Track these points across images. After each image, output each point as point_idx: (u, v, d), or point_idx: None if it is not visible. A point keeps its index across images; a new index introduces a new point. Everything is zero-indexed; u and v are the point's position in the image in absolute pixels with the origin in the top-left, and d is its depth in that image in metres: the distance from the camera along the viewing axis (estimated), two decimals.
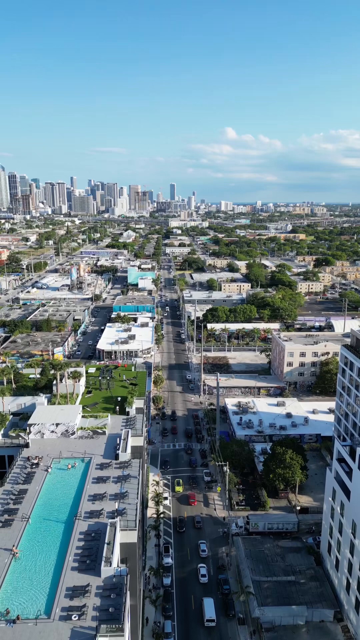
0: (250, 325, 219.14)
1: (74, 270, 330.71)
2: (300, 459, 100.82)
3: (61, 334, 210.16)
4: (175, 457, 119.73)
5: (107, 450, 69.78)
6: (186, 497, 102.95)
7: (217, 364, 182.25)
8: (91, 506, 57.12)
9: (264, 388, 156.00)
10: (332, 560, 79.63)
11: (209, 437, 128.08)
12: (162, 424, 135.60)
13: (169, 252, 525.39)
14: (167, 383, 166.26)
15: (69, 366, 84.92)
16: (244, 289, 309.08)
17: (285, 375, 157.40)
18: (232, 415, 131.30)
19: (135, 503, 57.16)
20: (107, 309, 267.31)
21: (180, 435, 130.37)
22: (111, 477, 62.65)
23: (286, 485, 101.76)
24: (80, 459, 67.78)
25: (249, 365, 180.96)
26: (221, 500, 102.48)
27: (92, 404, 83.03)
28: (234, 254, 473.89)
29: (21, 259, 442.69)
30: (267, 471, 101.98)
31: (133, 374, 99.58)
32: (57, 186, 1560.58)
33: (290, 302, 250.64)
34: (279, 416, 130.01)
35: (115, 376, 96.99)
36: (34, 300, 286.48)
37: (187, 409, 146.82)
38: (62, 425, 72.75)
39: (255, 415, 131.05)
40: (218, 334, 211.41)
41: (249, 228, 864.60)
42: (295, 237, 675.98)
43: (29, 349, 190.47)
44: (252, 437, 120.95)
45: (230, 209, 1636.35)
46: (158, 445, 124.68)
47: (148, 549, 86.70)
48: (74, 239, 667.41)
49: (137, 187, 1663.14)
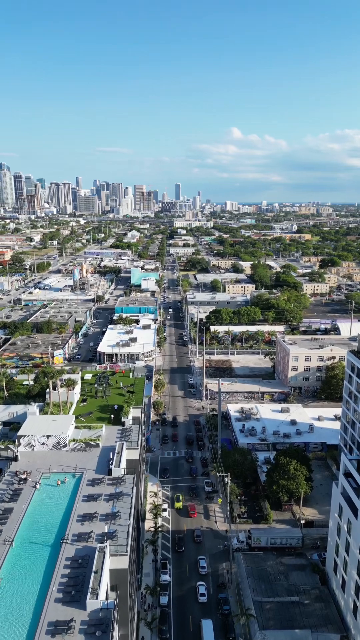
0: (254, 328, 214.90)
1: (77, 270, 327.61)
2: (304, 470, 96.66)
3: (62, 336, 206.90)
4: (175, 466, 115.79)
5: (100, 464, 65.99)
6: (186, 508, 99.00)
7: (220, 368, 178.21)
8: (80, 528, 53.32)
9: (268, 393, 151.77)
10: (338, 580, 75.42)
11: (210, 445, 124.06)
12: (163, 431, 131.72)
13: (173, 253, 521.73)
14: (169, 387, 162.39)
15: (62, 374, 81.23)
16: (249, 290, 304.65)
17: (290, 380, 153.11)
18: (234, 421, 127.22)
19: (127, 525, 53.30)
20: (109, 310, 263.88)
21: (181, 443, 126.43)
22: (103, 495, 58.84)
23: (290, 497, 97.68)
24: (71, 474, 64.02)
25: (253, 369, 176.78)
26: (222, 512, 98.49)
27: (86, 413, 79.32)
28: (239, 254, 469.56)
29: (24, 259, 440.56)
30: (270, 482, 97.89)
31: (131, 380, 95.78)
32: (63, 186, 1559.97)
33: (296, 304, 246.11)
34: (283, 423, 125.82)
35: (112, 383, 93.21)
36: (36, 301, 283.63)
37: (189, 414, 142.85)
38: (53, 437, 69.05)
39: (258, 422, 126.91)
40: (221, 337, 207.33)
41: (254, 228, 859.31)
42: (300, 238, 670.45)
43: (29, 351, 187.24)
44: (255, 445, 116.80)
45: (236, 209, 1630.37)
46: (158, 453, 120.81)
47: (145, 565, 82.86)
48: (78, 239, 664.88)
49: (142, 187, 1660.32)
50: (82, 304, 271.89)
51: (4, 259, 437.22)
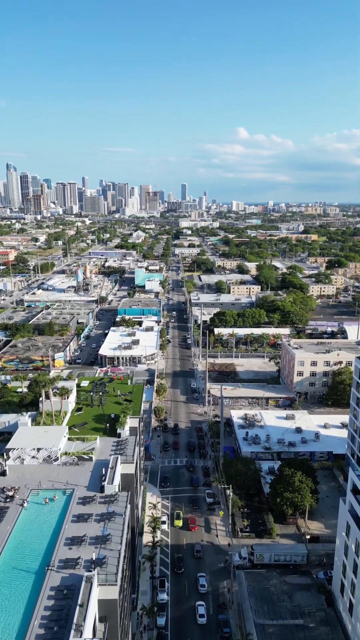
0: (259, 330, 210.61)
1: (80, 271, 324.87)
2: (310, 482, 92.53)
3: (63, 339, 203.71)
4: (176, 475, 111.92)
5: (93, 480, 62.27)
6: (186, 521, 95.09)
7: (223, 372, 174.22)
8: (67, 552, 49.60)
9: (273, 399, 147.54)
10: (345, 603, 71.24)
11: (212, 453, 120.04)
12: (164, 438, 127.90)
13: (178, 253, 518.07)
14: (171, 392, 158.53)
15: (54, 382, 77.55)
16: (254, 291, 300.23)
17: (295, 385, 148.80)
18: (237, 429, 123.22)
19: (118, 550, 49.51)
20: (112, 312, 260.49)
21: (182, 450, 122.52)
22: (94, 515, 55.07)
23: (295, 510, 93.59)
24: (62, 490, 60.34)
25: (257, 373, 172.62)
26: (224, 525, 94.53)
27: (80, 424, 75.69)
28: (244, 255, 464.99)
29: (28, 260, 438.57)
30: (274, 494, 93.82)
31: (129, 387, 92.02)
32: (69, 186, 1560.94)
33: (302, 306, 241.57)
34: (288, 431, 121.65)
35: (110, 390, 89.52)
36: (39, 302, 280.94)
37: (191, 420, 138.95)
38: (44, 450, 65.44)
39: (262, 429, 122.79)
40: (225, 340, 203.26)
41: (260, 228, 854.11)
42: (307, 238, 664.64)
43: (29, 354, 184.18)
44: (258, 455, 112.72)
45: (242, 209, 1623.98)
46: (158, 462, 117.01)
47: (142, 583, 79.10)
48: (83, 239, 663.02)
49: (148, 187, 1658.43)
50: (85, 305, 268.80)
51: (8, 259, 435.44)
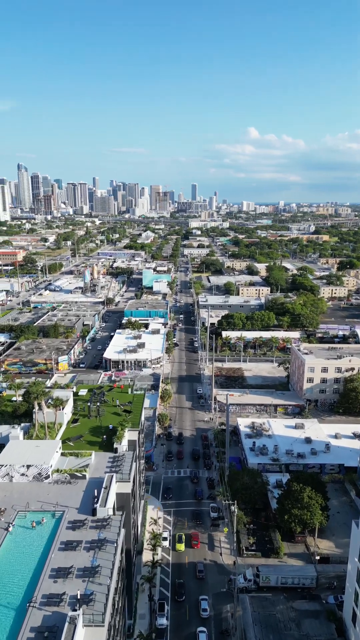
0: (268, 334, 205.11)
1: (88, 272, 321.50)
2: (320, 499, 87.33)
3: (68, 341, 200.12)
4: (179, 487, 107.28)
5: (85, 501, 57.88)
6: (189, 537, 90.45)
7: (231, 377, 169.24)
8: (52, 586, 45.25)
9: (282, 406, 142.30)
10: (357, 633, 66.10)
11: (218, 464, 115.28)
12: (167, 446, 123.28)
13: (187, 254, 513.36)
14: (176, 397, 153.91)
15: (47, 394, 73.19)
16: (263, 293, 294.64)
17: (305, 392, 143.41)
18: (244, 438, 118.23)
19: (107, 584, 45.00)
20: (119, 314, 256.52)
21: (187, 460, 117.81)
22: (83, 542, 50.64)
23: (304, 528, 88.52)
24: (51, 513, 56.02)
25: (266, 379, 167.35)
26: (228, 542, 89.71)
27: (75, 437, 71.42)
28: (254, 255, 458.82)
29: (36, 260, 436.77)
30: (281, 511, 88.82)
31: (129, 397, 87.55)
32: (79, 187, 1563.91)
33: (312, 309, 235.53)
34: (297, 441, 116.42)
35: (109, 400, 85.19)
36: (45, 304, 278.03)
37: (196, 428, 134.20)
38: (34, 467, 61.24)
39: (270, 439, 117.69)
40: (233, 343, 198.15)
41: (270, 229, 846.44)
42: (318, 239, 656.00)
43: (33, 356, 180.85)
44: (266, 466, 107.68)
45: (252, 209, 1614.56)
46: (161, 472, 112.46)
47: (140, 605, 74.63)
48: (93, 239, 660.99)
49: (158, 187, 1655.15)
50: (91, 306, 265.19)
51: (16, 260, 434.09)
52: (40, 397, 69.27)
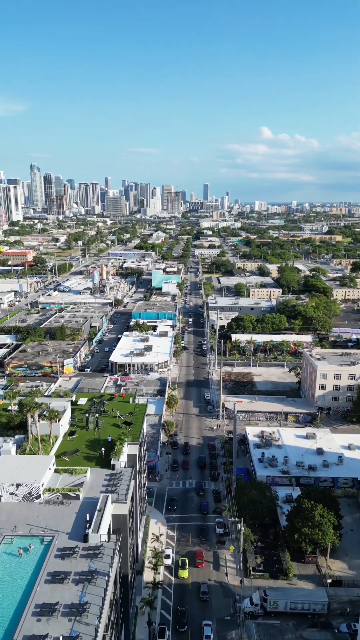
0: (279, 337, 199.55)
1: (96, 273, 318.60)
2: (332, 517, 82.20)
3: (74, 343, 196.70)
4: (184, 499, 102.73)
5: (77, 524, 53.60)
6: (192, 555, 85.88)
7: (240, 382, 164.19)
8: (35, 626, 41.00)
9: (292, 414, 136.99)
10: None
11: (225, 475, 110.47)
12: (173, 455, 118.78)
13: (197, 254, 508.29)
14: (183, 403, 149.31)
15: (40, 407, 68.91)
16: (274, 295, 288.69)
17: (317, 400, 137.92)
18: (253, 448, 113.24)
19: (95, 625, 40.62)
20: (127, 315, 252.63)
21: (192, 471, 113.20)
22: (72, 574, 46.33)
23: (315, 547, 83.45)
24: (39, 538, 51.82)
25: (276, 384, 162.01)
26: (234, 561, 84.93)
27: (71, 451, 67.27)
28: (266, 256, 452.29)
29: (46, 260, 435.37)
30: (291, 529, 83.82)
31: (130, 407, 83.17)
32: (91, 187, 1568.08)
33: (325, 311, 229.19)
34: (308, 452, 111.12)
35: (109, 410, 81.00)
36: (54, 305, 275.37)
37: (203, 436, 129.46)
38: (24, 485, 57.18)
39: (280, 450, 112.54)
40: (243, 347, 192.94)
41: (282, 229, 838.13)
42: (331, 239, 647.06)
43: (38, 359, 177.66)
44: (275, 479, 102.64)
45: (265, 209, 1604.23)
46: (166, 483, 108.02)
47: (139, 630, 70.25)
48: (103, 239, 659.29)
49: (170, 187, 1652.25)
50: (99, 308, 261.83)
51: (27, 260, 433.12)
52: (33, 410, 65.25)
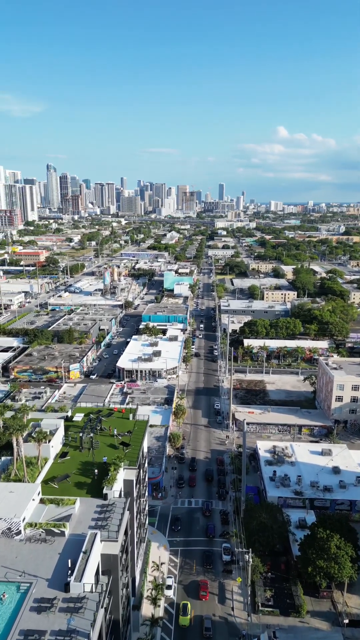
0: (293, 343, 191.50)
1: (107, 274, 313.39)
2: (350, 549, 74.67)
3: (81, 347, 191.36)
4: (189, 520, 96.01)
5: (59, 568, 47.29)
6: (196, 585, 79.16)
7: (251, 390, 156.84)
8: None
9: (307, 427, 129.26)
10: None
11: (233, 494, 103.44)
12: (179, 471, 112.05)
13: (211, 255, 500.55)
14: (191, 413, 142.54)
15: (25, 429, 62.54)
16: (289, 297, 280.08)
17: (333, 412, 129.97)
18: (264, 465, 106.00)
19: None
20: (137, 318, 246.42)
21: (199, 488, 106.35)
22: (48, 633, 40.04)
23: (330, 581, 76.08)
24: (15, 585, 45.64)
25: (290, 394, 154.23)
26: (242, 594, 77.93)
27: (61, 477, 61.09)
28: (281, 257, 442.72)
29: (59, 261, 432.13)
30: (304, 561, 76.55)
31: (130, 424, 76.72)
32: (107, 187, 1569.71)
33: (342, 316, 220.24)
34: (323, 471, 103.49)
35: (106, 428, 74.75)
36: (63, 306, 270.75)
37: (211, 449, 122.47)
38: (3, 520, 51.13)
39: (293, 467, 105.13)
40: (255, 353, 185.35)
41: (298, 229, 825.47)
42: (348, 240, 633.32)
43: (44, 364, 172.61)
44: (287, 501, 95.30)
45: (280, 209, 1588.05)
46: (170, 501, 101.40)
47: None
48: (117, 240, 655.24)
49: (185, 187, 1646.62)
50: (109, 310, 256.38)
51: (39, 260, 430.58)
52: (16, 434, 59.23)
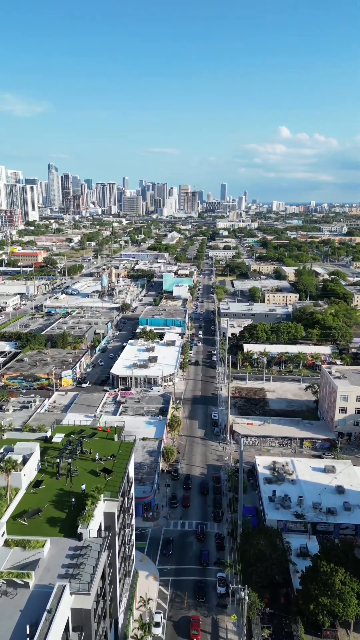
0: (294, 348, 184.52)
1: (105, 275, 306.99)
2: (356, 584, 67.74)
3: (75, 352, 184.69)
4: (181, 544, 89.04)
5: (20, 627, 40.50)
6: (187, 621, 72.29)
7: (251, 399, 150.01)
8: None
9: (309, 440, 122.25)
10: None
11: (229, 515, 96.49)
12: (173, 488, 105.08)
13: (212, 256, 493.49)
14: (187, 423, 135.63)
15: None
16: (291, 300, 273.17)
17: (337, 424, 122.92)
18: (262, 484, 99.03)
19: None
20: (135, 321, 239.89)
21: (194, 509, 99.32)
22: None
23: (334, 619, 69.14)
24: None
25: (291, 402, 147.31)
26: (237, 633, 70.98)
27: (32, 511, 54.13)
28: (282, 258, 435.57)
29: (57, 262, 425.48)
30: (306, 596, 69.65)
31: (115, 446, 69.67)
32: (108, 187, 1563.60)
33: (345, 319, 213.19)
34: (326, 490, 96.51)
35: (87, 451, 67.83)
36: (59, 309, 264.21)
37: (207, 464, 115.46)
38: None
39: (294, 486, 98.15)
40: (256, 359, 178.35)
41: (300, 230, 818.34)
42: (351, 241, 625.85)
43: (35, 370, 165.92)
44: (287, 524, 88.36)
45: (282, 209, 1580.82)
46: (162, 523, 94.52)
47: None
48: (117, 240, 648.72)
49: (187, 187, 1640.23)
50: (106, 313, 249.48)
51: (37, 261, 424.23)
52: None
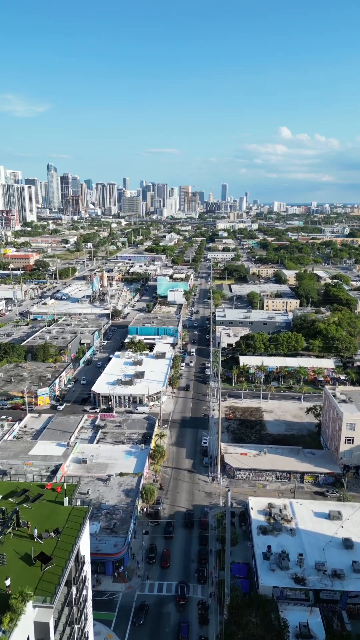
0: (295, 361, 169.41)
1: (96, 279, 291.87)
2: None
3: (55, 366, 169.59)
4: (157, 615, 73.90)
5: None
6: None
7: (246, 421, 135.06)
8: None
9: (310, 474, 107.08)
10: None
11: (216, 574, 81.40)
12: (152, 537, 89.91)
13: (210, 258, 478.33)
14: (173, 452, 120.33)
15: None
16: (291, 306, 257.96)
17: (342, 455, 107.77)
18: (256, 534, 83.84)
19: None
20: (125, 329, 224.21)
21: (174, 566, 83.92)
22: None
23: None
24: None
25: (291, 425, 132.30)
26: None
27: None
28: (283, 261, 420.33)
29: (49, 264, 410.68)
30: None
31: (63, 513, 54.29)
32: (108, 187, 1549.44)
33: (349, 329, 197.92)
34: (331, 544, 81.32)
35: (25, 522, 52.66)
36: (46, 315, 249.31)
37: (194, 505, 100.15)
38: None
39: (293, 538, 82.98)
40: (252, 373, 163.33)
41: (301, 231, 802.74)
42: (353, 242, 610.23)
43: (9, 387, 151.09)
44: (284, 592, 73.24)
45: (284, 210, 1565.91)
46: (136, 584, 79.42)
47: None
48: (114, 241, 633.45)
49: (188, 187, 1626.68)
50: (94, 320, 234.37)
51: (28, 264, 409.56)
52: None
